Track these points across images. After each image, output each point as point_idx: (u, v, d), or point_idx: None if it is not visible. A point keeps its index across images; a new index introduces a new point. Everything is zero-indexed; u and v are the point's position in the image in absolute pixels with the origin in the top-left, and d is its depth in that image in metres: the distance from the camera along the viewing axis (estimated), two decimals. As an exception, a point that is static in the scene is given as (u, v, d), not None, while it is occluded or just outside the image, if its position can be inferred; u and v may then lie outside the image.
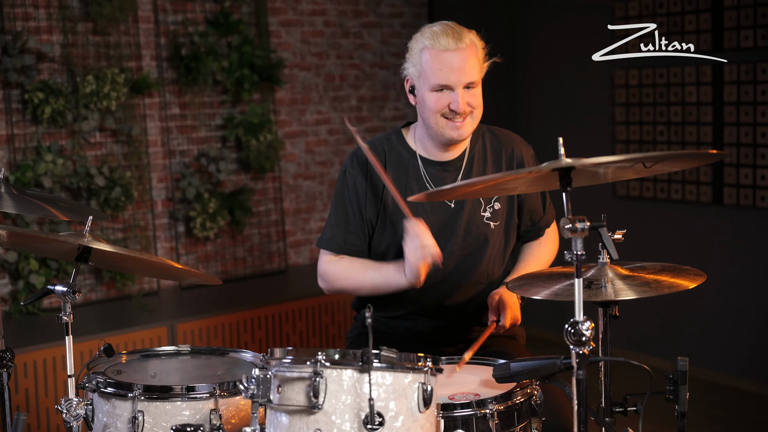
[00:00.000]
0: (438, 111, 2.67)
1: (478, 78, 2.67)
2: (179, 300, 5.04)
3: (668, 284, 2.17)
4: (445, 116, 2.67)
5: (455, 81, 2.63)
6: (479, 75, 2.68)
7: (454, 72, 2.62)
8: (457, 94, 2.63)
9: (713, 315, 5.15)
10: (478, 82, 2.67)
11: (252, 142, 5.31)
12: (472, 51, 2.65)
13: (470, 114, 2.68)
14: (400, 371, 1.98)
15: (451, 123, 2.67)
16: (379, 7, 6.02)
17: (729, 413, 4.69)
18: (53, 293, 2.36)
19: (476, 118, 2.71)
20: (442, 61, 2.62)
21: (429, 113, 2.68)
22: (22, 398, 4.09)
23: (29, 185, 4.56)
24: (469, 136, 2.77)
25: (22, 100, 4.69)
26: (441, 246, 2.72)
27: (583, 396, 1.96)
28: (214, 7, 5.30)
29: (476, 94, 2.68)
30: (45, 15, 4.75)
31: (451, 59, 2.62)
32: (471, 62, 2.64)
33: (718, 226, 5.10)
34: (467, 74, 2.63)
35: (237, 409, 2.42)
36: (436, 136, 2.72)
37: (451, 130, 2.68)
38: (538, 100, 6.11)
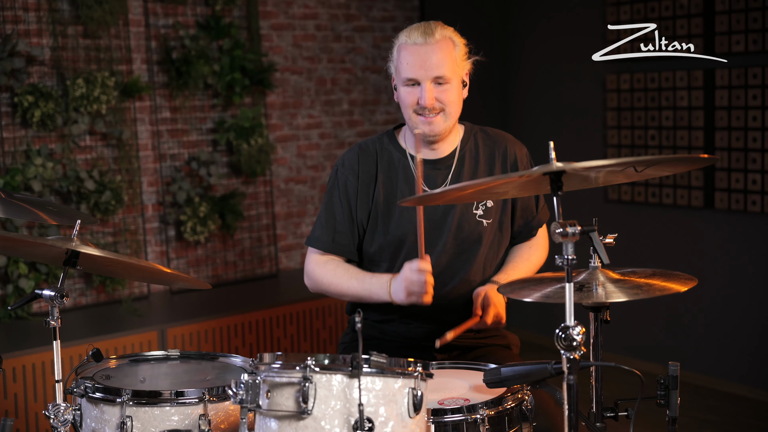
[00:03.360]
0: (410, 106, 2.69)
1: (449, 74, 2.65)
2: (170, 304, 5.02)
3: (660, 287, 2.16)
4: (416, 112, 2.69)
5: (422, 75, 2.64)
6: (452, 71, 2.66)
7: (420, 66, 2.63)
8: (424, 89, 2.65)
9: (706, 319, 5.15)
10: (449, 78, 2.66)
11: (243, 146, 5.29)
12: (443, 46, 2.64)
13: (441, 111, 2.68)
14: (390, 376, 1.97)
15: (422, 118, 2.69)
16: (371, 11, 6.02)
17: (722, 418, 4.68)
18: (41, 298, 2.34)
19: (449, 116, 2.71)
20: (410, 54, 2.65)
21: (404, 108, 2.72)
22: (11, 403, 4.07)
23: (19, 189, 4.54)
24: (446, 133, 2.75)
25: (11, 104, 4.66)
26: (432, 244, 2.74)
27: (574, 401, 1.95)
28: (205, 10, 5.29)
29: (447, 90, 2.67)
30: (35, 18, 4.73)
31: (418, 52, 2.63)
32: (439, 57, 2.63)
33: (710, 230, 5.11)
34: (434, 68, 2.63)
35: (226, 414, 2.41)
36: (413, 131, 2.73)
37: (423, 125, 2.70)
38: (530, 103, 6.10)
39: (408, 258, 2.73)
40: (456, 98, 2.70)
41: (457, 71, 2.68)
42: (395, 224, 2.77)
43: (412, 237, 2.76)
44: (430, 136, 2.73)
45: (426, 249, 2.78)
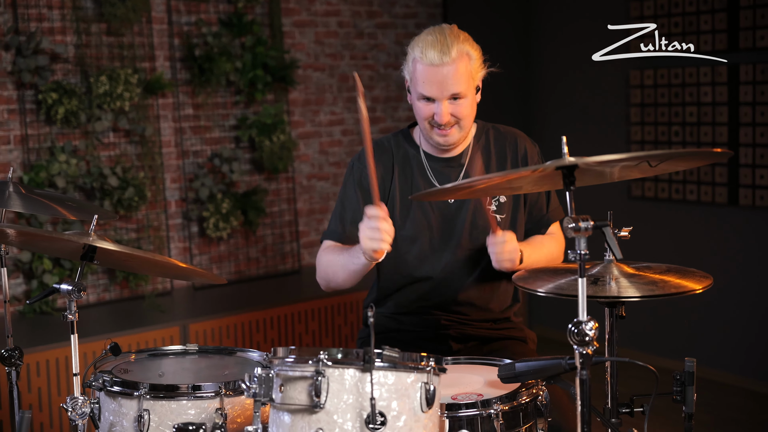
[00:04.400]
0: (425, 118, 2.72)
1: (464, 89, 2.66)
2: (192, 300, 5.05)
3: (674, 284, 2.15)
4: (431, 124, 2.72)
5: (438, 95, 2.65)
6: (467, 86, 2.66)
7: (437, 86, 2.64)
8: (440, 106, 2.67)
9: (731, 316, 5.11)
10: (465, 93, 2.67)
11: (265, 143, 5.31)
12: (460, 63, 2.64)
13: (456, 123, 2.70)
14: (402, 371, 1.97)
15: (438, 131, 2.72)
16: (393, 8, 6.02)
17: (746, 416, 4.65)
18: (59, 292, 2.36)
19: (464, 127, 2.73)
20: (427, 74, 2.65)
21: (418, 118, 2.76)
22: (35, 397, 4.11)
23: (43, 185, 4.58)
24: (462, 141, 2.79)
25: (35, 101, 4.71)
26: (447, 239, 2.75)
27: (587, 396, 1.94)
28: (227, 7, 5.31)
29: (463, 104, 2.68)
30: (59, 16, 4.77)
31: (435, 74, 2.63)
32: (457, 76, 2.64)
33: (734, 227, 5.06)
34: (451, 88, 2.64)
35: (243, 408, 2.42)
36: (427, 138, 2.79)
37: (437, 136, 2.74)
38: (554, 100, 6.08)
39: (421, 252, 2.77)
40: (470, 110, 2.71)
41: (471, 84, 2.69)
42: (410, 220, 2.79)
43: (425, 233, 2.78)
44: (446, 146, 2.77)
45: (440, 244, 2.79)
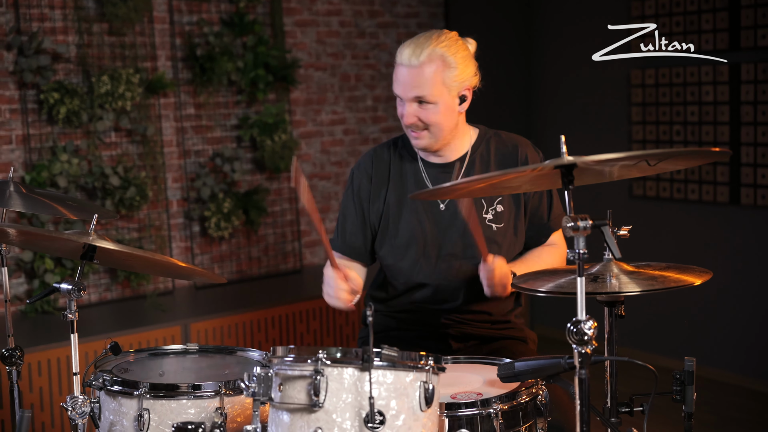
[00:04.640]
0: (400, 118, 2.74)
1: (430, 93, 2.64)
2: (193, 299, 5.05)
3: (674, 279, 2.15)
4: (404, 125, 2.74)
5: (402, 94, 2.68)
6: (437, 93, 2.64)
7: (402, 86, 2.67)
8: (405, 107, 2.69)
9: (733, 315, 5.10)
10: (432, 98, 2.65)
11: (267, 142, 5.31)
12: (429, 67, 2.63)
13: (426, 128, 2.70)
14: (401, 370, 1.97)
15: (410, 132, 2.74)
16: (395, 7, 6.02)
17: (746, 415, 4.65)
18: (59, 291, 2.37)
19: (435, 134, 2.71)
20: (397, 72, 2.70)
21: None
22: (36, 396, 4.11)
23: (44, 185, 4.58)
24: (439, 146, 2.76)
25: (37, 101, 4.71)
26: (438, 249, 2.75)
27: (586, 396, 1.94)
28: (229, 7, 5.31)
29: (431, 110, 2.66)
30: (60, 16, 4.77)
31: (403, 73, 2.67)
32: (421, 79, 2.63)
33: (735, 226, 5.06)
34: (414, 90, 2.65)
35: (243, 407, 2.42)
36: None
37: (412, 138, 2.76)
38: (555, 100, 6.07)
39: (415, 260, 2.78)
40: (441, 118, 2.68)
41: (444, 91, 2.65)
42: (404, 227, 2.79)
43: (419, 240, 2.78)
44: (420, 149, 2.79)
45: (434, 253, 2.78)
